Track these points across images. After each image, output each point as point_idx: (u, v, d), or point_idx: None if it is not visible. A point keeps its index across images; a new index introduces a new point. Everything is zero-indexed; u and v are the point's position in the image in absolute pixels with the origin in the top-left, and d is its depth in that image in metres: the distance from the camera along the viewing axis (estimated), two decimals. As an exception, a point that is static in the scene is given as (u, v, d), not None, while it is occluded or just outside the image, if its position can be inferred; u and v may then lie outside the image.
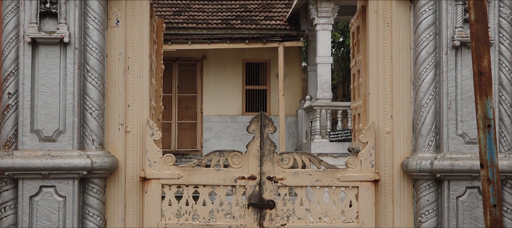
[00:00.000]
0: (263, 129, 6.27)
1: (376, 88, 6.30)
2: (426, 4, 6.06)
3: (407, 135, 6.24)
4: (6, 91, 5.86)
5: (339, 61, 31.14)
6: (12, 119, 5.85)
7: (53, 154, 5.80)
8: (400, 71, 6.25)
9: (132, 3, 6.19)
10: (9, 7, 5.88)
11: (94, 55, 5.92)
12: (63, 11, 5.81)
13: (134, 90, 6.20)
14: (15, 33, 5.86)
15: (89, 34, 5.93)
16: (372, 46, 6.32)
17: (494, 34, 6.00)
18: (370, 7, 6.33)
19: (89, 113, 5.91)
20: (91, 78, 5.92)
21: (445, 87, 5.98)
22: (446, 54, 5.99)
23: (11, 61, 5.85)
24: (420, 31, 6.09)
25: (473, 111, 5.89)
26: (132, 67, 6.20)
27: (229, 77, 22.60)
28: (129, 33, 6.19)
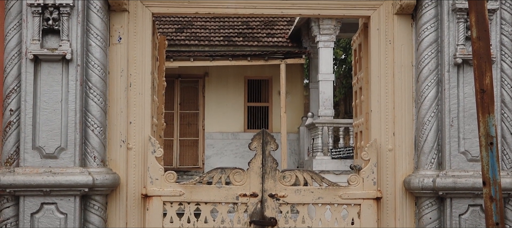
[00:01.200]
0: (265, 146, 6.26)
1: (378, 105, 6.30)
2: (428, 21, 6.07)
3: (409, 152, 6.22)
4: (8, 108, 5.86)
5: (341, 78, 31.16)
6: (14, 135, 5.85)
7: (55, 171, 5.79)
8: (402, 88, 6.25)
9: (134, 20, 6.21)
10: (12, 24, 5.89)
11: (96, 72, 5.93)
12: (66, 28, 5.82)
13: (136, 107, 6.20)
14: (17, 50, 5.87)
15: (91, 51, 5.93)
16: (374, 64, 6.33)
17: (496, 51, 6.01)
18: (372, 25, 6.34)
19: (91, 130, 5.91)
20: (93, 95, 5.92)
21: (447, 104, 5.98)
22: (448, 72, 5.99)
23: (13, 78, 5.86)
24: (422, 49, 6.09)
25: (475, 128, 5.88)
26: (134, 84, 6.20)
27: (231, 94, 22.62)
28: (131, 50, 6.20)
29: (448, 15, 6.00)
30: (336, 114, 26.95)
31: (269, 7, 6.31)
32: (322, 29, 19.75)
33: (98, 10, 5.95)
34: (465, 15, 5.90)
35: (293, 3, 6.28)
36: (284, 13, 6.37)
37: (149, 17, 6.25)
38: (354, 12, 6.36)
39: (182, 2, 6.26)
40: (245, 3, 6.28)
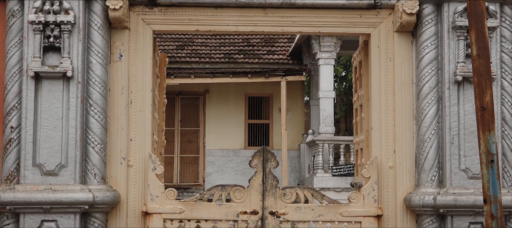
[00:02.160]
0: (265, 163, 6.26)
1: (378, 123, 6.30)
2: (428, 39, 6.09)
3: (409, 170, 6.22)
4: (8, 125, 5.86)
5: (342, 95, 31.17)
6: (14, 152, 5.85)
7: (55, 188, 5.78)
8: (402, 106, 6.25)
9: (135, 38, 6.22)
10: (13, 41, 5.91)
11: (97, 89, 5.94)
12: (67, 46, 5.84)
13: (137, 125, 6.20)
14: (18, 67, 5.88)
15: (92, 68, 5.95)
16: (374, 81, 6.33)
17: (496, 69, 6.02)
18: (372, 42, 6.35)
19: (92, 147, 5.91)
20: (93, 112, 5.92)
21: (448, 122, 5.98)
22: (448, 89, 6.00)
23: (14, 95, 5.86)
24: (422, 66, 6.10)
25: (476, 146, 5.88)
26: (134, 101, 6.21)
27: (231, 111, 22.61)
28: (132, 67, 6.21)
29: (448, 32, 6.01)
30: (337, 131, 26.93)
31: (269, 25, 6.33)
32: (323, 46, 19.77)
33: (99, 27, 5.97)
34: (465, 32, 5.92)
35: (293, 21, 6.30)
36: (285, 30, 6.38)
37: (150, 34, 6.26)
38: (355, 29, 6.38)
39: (182, 19, 6.27)
40: (246, 20, 6.30)
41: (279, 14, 6.29)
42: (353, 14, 6.31)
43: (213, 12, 6.27)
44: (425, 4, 6.10)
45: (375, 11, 6.31)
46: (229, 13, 6.28)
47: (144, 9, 6.23)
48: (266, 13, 6.29)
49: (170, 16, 6.27)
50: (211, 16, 6.27)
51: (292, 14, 6.29)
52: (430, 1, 6.09)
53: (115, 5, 5.94)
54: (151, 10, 6.24)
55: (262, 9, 6.28)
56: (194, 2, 6.19)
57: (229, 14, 6.28)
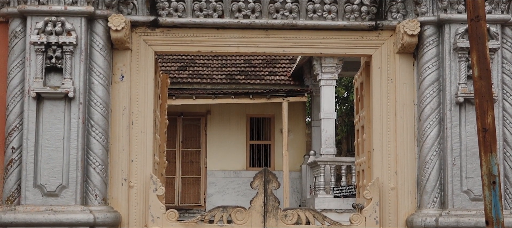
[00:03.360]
0: (266, 184, 6.25)
1: (380, 144, 6.29)
2: (430, 60, 6.09)
3: (411, 191, 6.20)
4: (10, 146, 5.86)
5: (343, 116, 31.16)
6: (15, 173, 5.84)
7: (56, 209, 5.77)
8: (404, 127, 6.24)
9: (137, 59, 6.23)
10: (15, 62, 5.92)
11: (99, 110, 5.94)
12: (68, 66, 5.85)
13: (138, 145, 6.19)
14: (20, 88, 5.89)
15: (93, 89, 5.95)
16: (376, 102, 6.33)
17: (498, 90, 6.02)
18: (373, 63, 6.36)
19: (93, 168, 5.90)
20: (95, 133, 5.92)
21: (449, 143, 5.97)
22: (450, 111, 5.99)
23: (16, 116, 5.87)
24: (423, 87, 6.10)
25: (477, 167, 5.86)
26: (136, 122, 6.20)
27: (233, 132, 22.59)
28: (134, 88, 6.22)
29: (450, 54, 6.02)
30: (338, 152, 26.89)
31: (271, 46, 6.34)
32: (324, 67, 19.79)
33: (101, 48, 5.98)
34: (467, 54, 5.92)
35: (295, 42, 6.31)
36: (286, 52, 6.40)
37: (151, 55, 6.28)
38: (356, 51, 6.39)
39: (184, 40, 6.29)
40: (247, 41, 6.31)
41: (281, 36, 6.31)
42: (355, 35, 6.32)
43: (214, 33, 6.28)
44: (426, 26, 6.12)
45: (377, 32, 6.32)
46: (230, 34, 6.29)
47: (146, 30, 6.25)
48: (267, 34, 6.30)
49: (172, 37, 6.28)
50: (213, 37, 6.29)
51: (294, 36, 6.30)
52: (431, 23, 6.11)
53: (117, 26, 5.95)
54: (153, 31, 6.25)
55: (263, 30, 6.29)
56: (196, 23, 6.21)
57: (230, 35, 6.30)
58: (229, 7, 6.17)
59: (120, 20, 5.97)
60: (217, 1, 6.15)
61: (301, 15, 6.22)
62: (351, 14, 6.21)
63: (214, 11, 6.19)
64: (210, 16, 6.21)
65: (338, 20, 6.24)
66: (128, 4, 6.16)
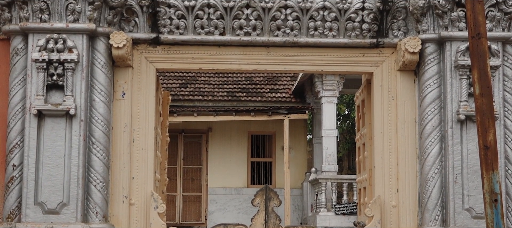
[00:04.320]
0: (268, 202, 6.23)
1: (381, 161, 6.27)
2: (431, 78, 6.09)
3: (413, 209, 6.18)
4: (11, 163, 5.85)
5: (345, 134, 31.14)
6: (16, 190, 5.83)
7: (56, 226, 5.75)
8: (405, 144, 6.23)
9: (138, 76, 6.24)
10: (16, 79, 5.93)
11: (100, 127, 5.94)
12: (70, 84, 5.85)
13: (139, 163, 6.18)
14: (21, 105, 5.89)
15: (95, 106, 5.95)
16: (377, 120, 6.33)
17: (499, 108, 6.01)
18: (375, 81, 6.36)
19: (94, 185, 5.89)
20: (96, 150, 5.92)
21: (451, 161, 5.96)
22: (451, 128, 5.99)
23: (17, 133, 5.86)
24: (425, 105, 6.10)
25: (479, 185, 5.85)
26: (137, 139, 6.20)
27: (234, 150, 22.57)
28: (135, 105, 6.22)
29: (451, 71, 6.02)
30: (340, 169, 26.85)
31: (272, 63, 6.34)
32: (326, 85, 19.80)
33: (102, 65, 5.99)
34: (468, 71, 5.93)
35: (296, 60, 6.31)
36: (287, 69, 6.40)
37: (153, 73, 6.28)
38: (357, 68, 6.39)
39: (186, 58, 6.29)
40: (249, 59, 6.32)
41: (282, 53, 6.31)
42: (356, 53, 6.33)
43: (216, 50, 6.29)
44: (427, 43, 6.12)
45: (378, 50, 6.32)
46: (232, 51, 6.30)
47: (148, 47, 6.26)
48: (269, 51, 6.31)
49: (173, 54, 6.29)
50: (214, 54, 6.30)
51: (295, 53, 6.31)
52: (433, 40, 6.11)
53: (118, 44, 5.96)
54: (155, 48, 6.26)
55: (265, 47, 6.30)
56: (197, 41, 6.22)
57: (232, 52, 6.30)
58: (230, 25, 6.19)
59: (122, 37, 5.98)
60: (218, 19, 6.17)
61: (302, 32, 6.23)
62: (352, 31, 6.22)
63: (215, 29, 6.20)
64: (212, 34, 6.22)
65: (339, 38, 6.25)
66: (129, 22, 6.17)
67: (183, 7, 6.11)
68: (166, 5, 6.11)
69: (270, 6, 6.13)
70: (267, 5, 6.12)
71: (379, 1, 6.14)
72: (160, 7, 6.11)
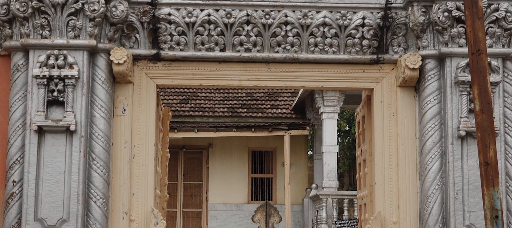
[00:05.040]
0: (268, 218, 6.22)
1: (382, 178, 6.27)
2: (431, 94, 6.10)
3: (414, 225, 6.16)
4: (10, 179, 5.84)
5: (345, 150, 31.14)
6: (16, 207, 5.82)
7: (56, 242, 5.74)
8: (406, 160, 6.23)
9: (138, 92, 6.24)
10: (17, 95, 5.93)
11: (100, 143, 5.94)
12: (70, 100, 5.86)
13: (139, 179, 6.18)
14: (22, 121, 5.89)
15: (95, 122, 5.96)
16: (377, 136, 6.33)
17: (500, 124, 6.01)
18: (375, 97, 6.36)
19: (94, 201, 5.88)
20: (96, 166, 5.91)
21: (452, 177, 5.95)
22: (452, 144, 5.98)
23: (17, 149, 5.86)
24: (425, 121, 6.10)
25: (480, 201, 5.84)
26: (137, 155, 6.20)
27: (235, 166, 22.58)
28: (135, 121, 6.22)
29: (451, 87, 6.02)
30: (341, 185, 26.84)
31: (272, 80, 6.35)
32: (326, 101, 19.84)
33: (103, 81, 6.00)
34: (468, 87, 5.93)
35: (296, 76, 6.32)
36: (288, 85, 6.41)
37: (153, 89, 6.29)
38: (357, 84, 6.40)
39: (186, 74, 6.30)
40: (249, 75, 6.32)
41: (282, 69, 6.32)
42: (356, 69, 6.34)
43: (216, 66, 6.30)
44: (427, 59, 6.13)
45: (378, 66, 6.33)
46: (232, 68, 6.31)
47: (148, 63, 6.27)
48: (269, 68, 6.32)
49: (173, 70, 6.30)
50: (215, 70, 6.30)
51: (295, 69, 6.32)
52: (433, 56, 6.12)
53: (119, 60, 5.98)
54: (155, 64, 6.27)
55: (265, 64, 6.31)
56: (198, 57, 6.23)
57: (232, 69, 6.31)
58: (230, 41, 6.20)
59: (122, 53, 5.99)
60: (219, 35, 6.18)
61: (302, 48, 6.24)
62: (352, 48, 6.23)
63: (216, 45, 6.22)
64: (212, 50, 6.23)
65: (340, 54, 6.26)
66: (130, 38, 6.19)
67: (184, 24, 6.13)
68: (166, 22, 6.12)
69: (270, 23, 6.14)
70: (268, 22, 6.14)
71: (379, 18, 6.16)
72: (160, 24, 6.13)
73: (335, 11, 6.15)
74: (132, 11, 6.11)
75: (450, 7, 5.96)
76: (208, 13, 6.11)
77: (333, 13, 6.15)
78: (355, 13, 6.15)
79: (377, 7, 6.15)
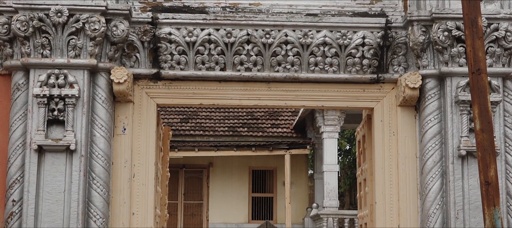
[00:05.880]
0: (268, 238, 6.19)
1: (382, 197, 6.25)
2: (432, 113, 6.09)
3: (414, 245, 6.14)
4: (10, 199, 5.83)
5: (346, 169, 31.11)
6: (15, 226, 5.80)
7: (56, 262, 5.72)
8: (406, 180, 6.21)
9: (139, 111, 6.24)
10: (17, 114, 5.93)
11: (100, 162, 5.93)
12: (71, 119, 5.85)
13: (139, 198, 6.16)
14: (22, 140, 5.89)
15: (95, 141, 5.95)
16: (378, 155, 6.32)
17: (500, 143, 6.00)
18: (375, 116, 6.36)
19: (93, 221, 5.86)
20: (96, 185, 5.90)
21: (452, 197, 5.94)
22: (452, 164, 5.97)
23: (17, 169, 5.85)
24: (425, 140, 6.09)
25: (481, 221, 5.82)
26: (137, 175, 6.19)
27: (235, 185, 22.55)
28: (136, 140, 6.21)
29: (452, 107, 6.02)
30: (341, 204, 26.78)
31: (273, 99, 6.35)
32: (327, 120, 19.84)
33: (103, 101, 6.00)
34: (468, 107, 5.93)
35: (297, 95, 6.32)
36: (288, 104, 6.41)
37: (153, 108, 6.29)
38: (358, 104, 6.40)
39: (186, 93, 6.30)
40: (249, 94, 6.32)
41: (283, 88, 6.32)
42: (356, 88, 6.34)
43: (217, 86, 6.30)
44: (427, 79, 6.13)
45: (378, 85, 6.34)
46: (232, 87, 6.31)
47: (148, 83, 6.27)
48: (269, 87, 6.32)
49: (174, 90, 6.30)
50: (215, 90, 6.31)
51: (296, 88, 6.32)
52: (433, 76, 6.13)
53: (119, 79, 5.98)
54: (155, 84, 6.28)
55: (265, 83, 6.31)
56: (198, 76, 6.24)
57: (232, 88, 6.31)
58: (231, 60, 6.21)
59: (123, 73, 6.00)
60: (219, 54, 6.19)
61: (302, 68, 6.24)
62: (352, 67, 6.24)
63: (216, 64, 6.22)
64: (212, 69, 6.24)
65: (340, 73, 6.26)
66: (130, 57, 6.20)
67: (184, 43, 6.14)
68: (167, 41, 6.13)
69: (270, 42, 6.15)
70: (268, 41, 6.15)
71: (379, 37, 6.17)
72: (161, 43, 6.14)
73: (335, 31, 6.16)
74: (132, 31, 6.13)
75: (450, 26, 5.97)
76: (209, 33, 6.13)
77: (333, 33, 6.16)
78: (355, 33, 6.16)
79: (377, 27, 6.17)
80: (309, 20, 6.15)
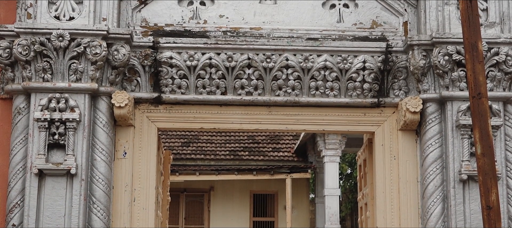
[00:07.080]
0: (269, 262, 6.16)
1: (383, 221, 6.23)
2: (432, 137, 6.09)
3: (416, 270, 6.11)
4: (10, 223, 5.81)
5: (347, 193, 31.04)
6: (15, 250, 5.79)
7: None
8: (407, 204, 6.20)
9: (140, 135, 6.24)
10: (18, 138, 5.93)
11: (101, 187, 5.92)
12: (71, 143, 5.85)
13: (140, 223, 6.14)
14: (22, 164, 5.88)
15: (96, 165, 5.94)
16: (379, 179, 6.30)
17: (501, 167, 5.99)
18: (376, 140, 6.35)
19: (94, 245, 5.84)
20: (96, 210, 5.89)
21: (454, 221, 5.92)
22: (453, 188, 5.96)
23: (17, 192, 5.84)
24: (427, 164, 6.08)
25: (483, 246, 5.79)
26: (138, 199, 6.17)
27: (236, 209, 22.48)
28: (136, 164, 6.20)
29: (452, 131, 6.02)
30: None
31: (274, 123, 6.35)
32: (328, 144, 19.82)
33: (104, 125, 6.00)
34: (469, 131, 5.92)
35: (297, 119, 6.32)
36: (289, 128, 6.40)
37: (154, 132, 6.29)
38: (359, 128, 6.39)
39: (187, 117, 6.31)
40: (250, 118, 6.33)
41: (284, 112, 6.33)
42: (357, 112, 6.34)
43: (217, 110, 6.31)
44: (428, 103, 6.14)
45: (379, 109, 6.34)
46: (233, 111, 6.32)
47: (149, 107, 6.28)
48: (270, 111, 6.33)
49: (175, 114, 6.30)
50: (216, 114, 6.31)
51: (296, 112, 6.32)
52: (434, 100, 6.13)
53: (120, 103, 5.98)
54: (156, 108, 6.28)
55: (266, 107, 6.32)
56: (199, 100, 6.24)
57: (233, 112, 6.32)
58: (232, 84, 6.22)
59: (124, 97, 6.00)
60: (220, 78, 6.20)
61: (303, 92, 6.25)
62: (353, 91, 6.25)
63: (217, 88, 6.23)
64: (213, 93, 6.25)
65: (341, 97, 6.27)
66: (131, 81, 6.21)
67: (185, 67, 6.15)
68: (168, 65, 6.15)
69: (271, 66, 6.17)
70: (269, 65, 6.16)
71: (380, 61, 6.18)
72: (162, 67, 6.15)
73: (336, 55, 6.18)
74: (133, 55, 6.15)
75: (451, 51, 5.99)
76: (210, 57, 6.14)
77: (334, 57, 6.17)
78: (356, 57, 6.18)
79: (378, 51, 6.18)
80: (309, 44, 6.17)
